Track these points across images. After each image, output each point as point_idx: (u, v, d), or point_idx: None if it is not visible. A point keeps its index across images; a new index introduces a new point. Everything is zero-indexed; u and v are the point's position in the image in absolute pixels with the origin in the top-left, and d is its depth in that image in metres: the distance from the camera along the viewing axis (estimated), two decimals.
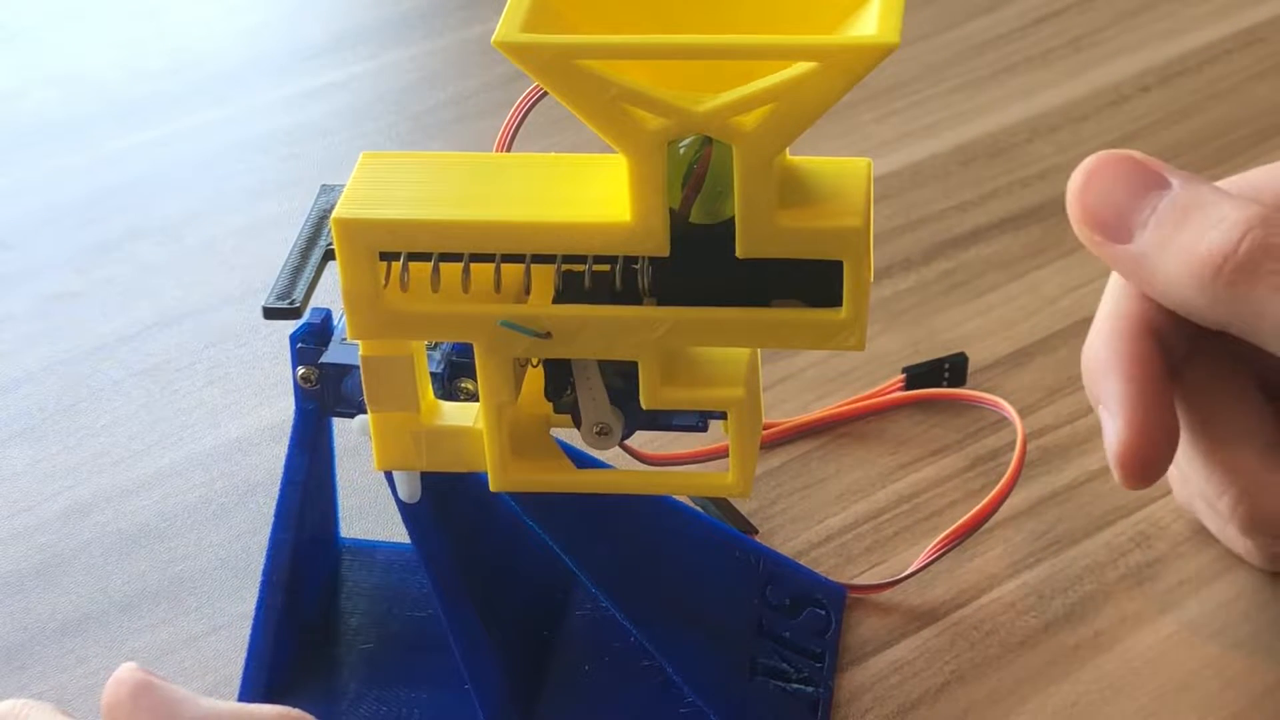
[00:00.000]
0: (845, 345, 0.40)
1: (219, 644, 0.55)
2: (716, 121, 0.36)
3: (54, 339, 0.69)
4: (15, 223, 0.76)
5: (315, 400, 0.47)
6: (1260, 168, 0.46)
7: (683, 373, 0.41)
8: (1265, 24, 0.86)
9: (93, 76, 0.87)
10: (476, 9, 0.90)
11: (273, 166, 0.79)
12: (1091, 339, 0.50)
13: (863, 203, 0.39)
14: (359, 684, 0.52)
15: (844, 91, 0.36)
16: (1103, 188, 0.44)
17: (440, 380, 0.44)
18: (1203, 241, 0.42)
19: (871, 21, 0.36)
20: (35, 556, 0.59)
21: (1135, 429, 0.46)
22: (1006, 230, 0.73)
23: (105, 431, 0.64)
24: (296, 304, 0.42)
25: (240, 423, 0.64)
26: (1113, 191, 0.44)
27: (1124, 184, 0.44)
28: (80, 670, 0.55)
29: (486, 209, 0.40)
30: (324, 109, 0.84)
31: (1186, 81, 0.82)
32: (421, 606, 0.53)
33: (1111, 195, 0.44)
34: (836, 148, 0.77)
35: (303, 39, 0.90)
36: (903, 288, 0.69)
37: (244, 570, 0.58)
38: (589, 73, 0.36)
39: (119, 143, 0.81)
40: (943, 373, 0.64)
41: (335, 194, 0.41)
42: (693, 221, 0.39)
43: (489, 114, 0.81)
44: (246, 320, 0.68)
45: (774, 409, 0.62)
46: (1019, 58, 0.85)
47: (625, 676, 0.51)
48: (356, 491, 0.57)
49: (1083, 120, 0.80)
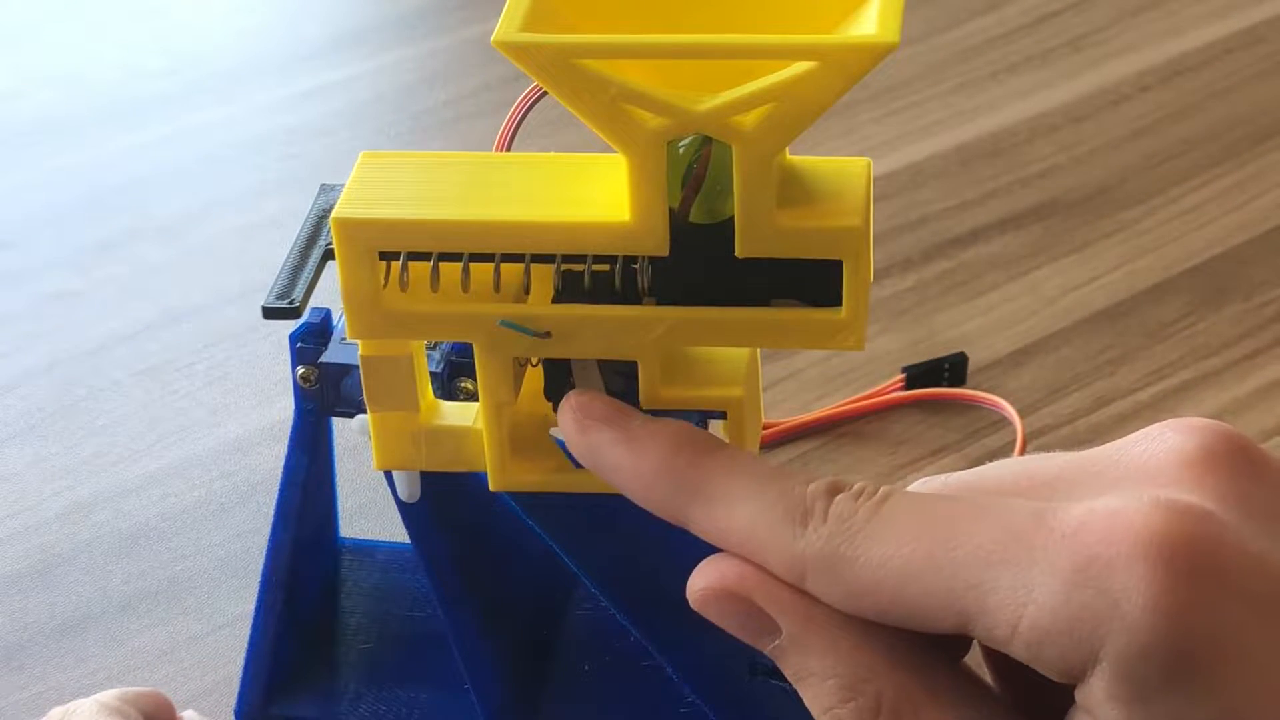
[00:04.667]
0: (845, 345, 0.40)
1: (219, 644, 0.55)
2: (716, 121, 0.36)
3: (54, 339, 0.69)
4: (15, 223, 0.76)
5: (315, 400, 0.47)
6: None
7: (682, 373, 0.41)
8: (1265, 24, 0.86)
9: (93, 76, 0.87)
10: (476, 9, 0.90)
11: (273, 166, 0.79)
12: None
13: (862, 202, 0.39)
14: (359, 684, 0.52)
15: (844, 91, 0.36)
16: (717, 619, 0.40)
17: (440, 380, 0.44)
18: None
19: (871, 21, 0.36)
20: (35, 556, 0.59)
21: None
22: (1006, 230, 0.73)
23: (105, 431, 0.64)
24: (296, 304, 0.42)
25: (240, 423, 0.64)
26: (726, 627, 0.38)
27: (736, 627, 0.37)
28: (80, 670, 0.55)
29: (486, 209, 0.39)
30: (324, 109, 0.84)
31: (1186, 81, 0.82)
32: (421, 606, 0.53)
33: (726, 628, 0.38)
34: (836, 148, 0.77)
35: (303, 39, 0.90)
36: (903, 288, 0.69)
37: (244, 570, 0.58)
38: (588, 72, 0.36)
39: (119, 143, 0.81)
40: (943, 372, 0.64)
41: (335, 194, 0.41)
42: (692, 221, 0.39)
43: (489, 114, 0.81)
44: (246, 320, 0.68)
45: (774, 409, 0.62)
46: (1019, 58, 0.85)
47: (625, 676, 0.51)
48: (356, 491, 0.57)
49: (1083, 120, 0.80)
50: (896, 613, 0.35)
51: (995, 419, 0.62)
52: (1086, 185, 0.76)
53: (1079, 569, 0.33)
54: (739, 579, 0.37)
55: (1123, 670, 0.33)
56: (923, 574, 0.35)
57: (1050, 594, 0.33)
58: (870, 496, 0.36)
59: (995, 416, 0.62)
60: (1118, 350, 0.66)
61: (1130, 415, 0.63)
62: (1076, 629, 0.33)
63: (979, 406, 0.63)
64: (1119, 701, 0.33)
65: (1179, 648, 0.33)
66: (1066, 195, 0.75)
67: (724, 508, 0.37)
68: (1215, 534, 0.34)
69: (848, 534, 0.35)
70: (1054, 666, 0.34)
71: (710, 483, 0.37)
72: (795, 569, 0.36)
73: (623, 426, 0.38)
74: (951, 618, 0.35)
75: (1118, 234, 0.73)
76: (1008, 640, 0.34)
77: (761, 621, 0.37)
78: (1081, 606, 0.33)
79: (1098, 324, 0.68)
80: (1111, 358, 0.66)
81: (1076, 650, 0.33)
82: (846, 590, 0.35)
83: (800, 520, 0.36)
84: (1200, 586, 0.33)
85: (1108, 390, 0.64)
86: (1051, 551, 0.34)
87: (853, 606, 0.36)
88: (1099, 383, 0.65)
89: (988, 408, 0.62)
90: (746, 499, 0.36)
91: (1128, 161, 0.77)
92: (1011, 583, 0.34)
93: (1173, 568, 0.33)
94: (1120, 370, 0.65)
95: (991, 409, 0.62)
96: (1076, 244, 0.72)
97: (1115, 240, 0.72)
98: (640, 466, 0.38)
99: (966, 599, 0.34)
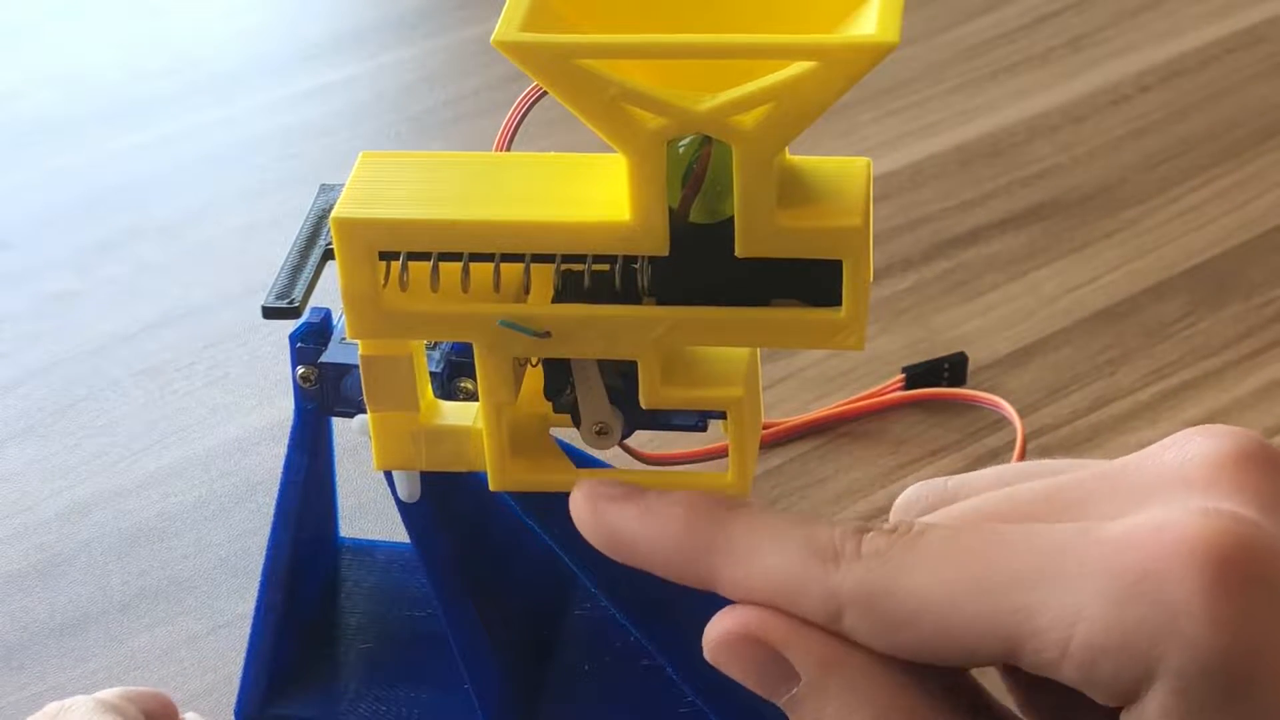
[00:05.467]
0: (845, 345, 0.40)
1: (219, 644, 0.55)
2: (716, 121, 0.36)
3: (54, 339, 0.69)
4: (15, 223, 0.76)
5: (315, 400, 0.47)
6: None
7: (682, 372, 0.41)
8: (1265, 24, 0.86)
9: (93, 76, 0.87)
10: (476, 9, 0.90)
11: (273, 166, 0.79)
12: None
13: (862, 202, 0.39)
14: (359, 684, 0.52)
15: (844, 90, 0.36)
16: (734, 668, 0.37)
17: (440, 380, 0.44)
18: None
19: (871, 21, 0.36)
20: (35, 556, 0.59)
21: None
22: (1006, 230, 0.73)
23: (105, 431, 0.64)
24: (296, 303, 0.42)
25: (240, 423, 0.64)
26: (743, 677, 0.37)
27: (754, 676, 0.36)
28: (80, 670, 0.55)
29: (486, 209, 0.39)
30: (324, 109, 0.84)
31: (1186, 81, 0.82)
32: (421, 606, 0.53)
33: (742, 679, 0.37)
34: (836, 148, 0.77)
35: (303, 39, 0.90)
36: (902, 288, 0.69)
37: (244, 570, 0.58)
38: (588, 72, 0.36)
39: (119, 143, 0.81)
40: (942, 372, 0.64)
41: (335, 194, 0.41)
42: (692, 221, 0.39)
43: (488, 114, 0.81)
44: (246, 320, 0.68)
45: (774, 409, 0.62)
46: (1019, 58, 0.85)
47: (625, 676, 0.51)
48: (356, 491, 0.57)
49: (1083, 120, 0.80)
50: (938, 644, 0.34)
51: (995, 419, 0.62)
52: (1086, 185, 0.76)
53: (1132, 583, 0.33)
54: (760, 622, 0.36)
55: (1183, 687, 0.32)
56: (966, 601, 0.34)
57: (1103, 610, 0.33)
58: (906, 532, 0.35)
59: (995, 416, 0.62)
60: (1118, 350, 0.66)
61: (1130, 415, 0.63)
62: (1132, 644, 0.32)
63: (979, 406, 0.63)
64: (1174, 718, 0.32)
65: (1239, 661, 0.32)
66: (1066, 195, 0.75)
67: (749, 560, 0.36)
68: (1264, 542, 0.33)
69: (884, 566, 0.34)
70: (1107, 687, 0.33)
71: (734, 539, 0.36)
72: (830, 607, 0.35)
73: (637, 501, 0.37)
74: (997, 644, 0.34)
75: (1118, 234, 0.73)
76: (1058, 662, 0.33)
77: (780, 668, 0.36)
78: (1137, 622, 0.32)
79: (1098, 324, 0.68)
80: (1111, 358, 0.66)
81: (1132, 667, 0.33)
82: (886, 623, 0.34)
83: (832, 560, 0.35)
84: (1255, 597, 0.32)
85: (1108, 390, 0.64)
86: (1100, 567, 0.33)
87: (892, 642, 0.35)
88: (1099, 383, 0.65)
89: (987, 408, 0.62)
90: (773, 548, 0.35)
91: (1128, 161, 0.77)
92: (1061, 601, 0.33)
93: (1228, 578, 0.32)
94: (1120, 370, 0.65)
95: (991, 409, 0.62)
96: (1076, 244, 0.72)
97: (1115, 240, 0.72)
98: (661, 536, 0.37)
99: (1014, 622, 0.33)
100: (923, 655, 0.34)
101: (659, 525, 0.37)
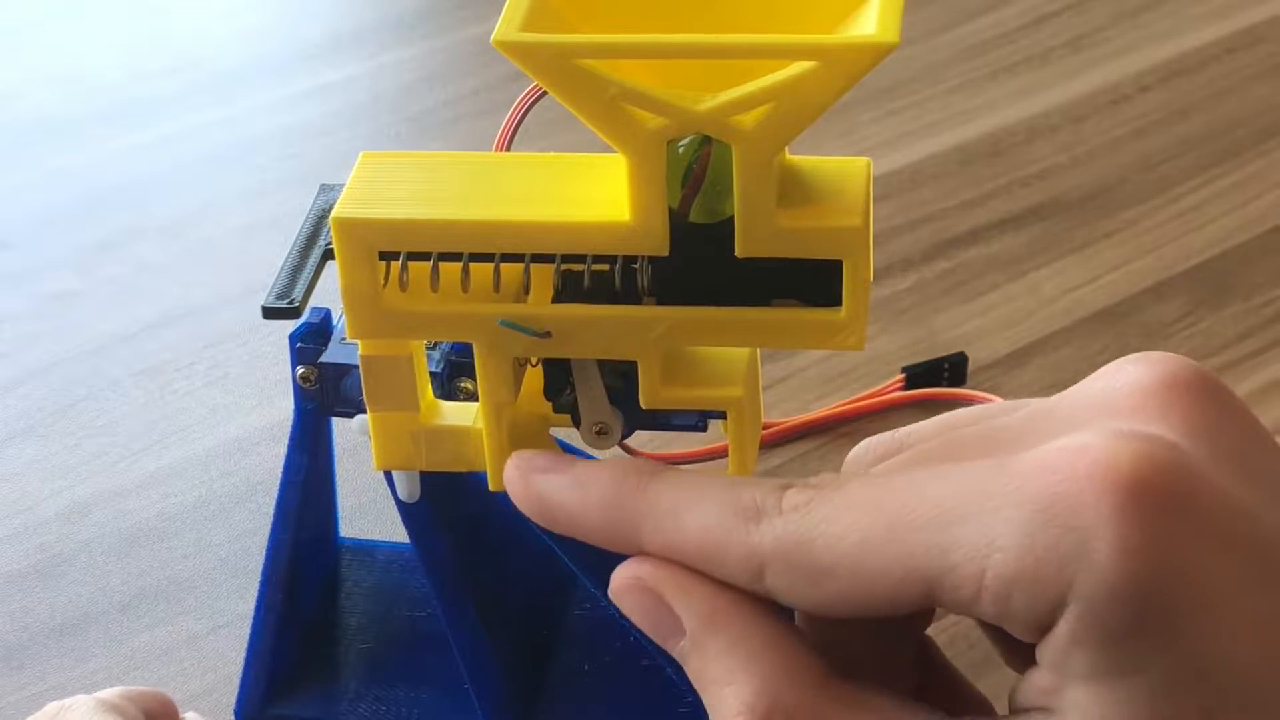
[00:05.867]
0: (845, 345, 0.40)
1: (219, 644, 0.55)
2: (716, 121, 0.36)
3: (54, 339, 0.69)
4: (15, 223, 0.76)
5: (315, 400, 0.47)
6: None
7: (682, 372, 0.41)
8: (1265, 24, 0.86)
9: (93, 76, 0.87)
10: (476, 9, 0.90)
11: (273, 166, 0.79)
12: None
13: (862, 202, 0.39)
14: (359, 684, 0.52)
15: (843, 90, 0.36)
16: (630, 614, 0.37)
17: (439, 380, 0.44)
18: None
19: (871, 21, 0.36)
20: (35, 556, 0.59)
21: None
22: (1006, 230, 0.73)
23: (105, 431, 0.64)
24: (296, 303, 0.42)
25: (240, 423, 0.64)
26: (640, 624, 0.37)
27: (647, 625, 0.36)
28: (80, 670, 0.55)
29: (486, 209, 0.39)
30: (324, 109, 0.84)
31: (1186, 81, 0.82)
32: (421, 606, 0.53)
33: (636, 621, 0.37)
34: (836, 148, 0.77)
35: (303, 39, 0.90)
36: (902, 288, 0.69)
37: (244, 570, 0.58)
38: (588, 72, 0.36)
39: (119, 143, 0.81)
40: (942, 372, 0.64)
41: (335, 194, 0.41)
42: (692, 221, 0.39)
43: (488, 114, 0.81)
44: (246, 320, 0.68)
45: (774, 409, 0.62)
46: (1019, 58, 0.85)
47: (625, 676, 0.51)
48: (356, 491, 0.57)
49: (1083, 120, 0.80)
50: (859, 593, 0.33)
51: None
52: (1086, 185, 0.76)
53: (1042, 508, 0.31)
54: (651, 573, 0.36)
55: (1091, 612, 0.31)
56: (882, 545, 0.33)
57: (1015, 540, 0.31)
58: (827, 485, 0.34)
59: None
60: (1118, 350, 0.66)
61: None
62: (1044, 573, 0.31)
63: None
64: (1085, 646, 0.31)
65: (1151, 587, 0.31)
66: (1066, 195, 0.75)
67: (673, 521, 0.36)
68: (1183, 466, 0.32)
69: (803, 520, 0.34)
70: (1022, 619, 0.32)
71: (658, 503, 0.36)
72: (751, 565, 0.34)
73: (565, 470, 0.37)
74: (916, 586, 0.33)
75: (1117, 234, 0.73)
76: (975, 598, 0.32)
77: (668, 619, 0.36)
78: (1047, 548, 0.31)
79: (1098, 324, 0.68)
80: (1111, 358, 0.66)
81: (1044, 595, 0.31)
82: (805, 577, 0.34)
83: (753, 518, 0.34)
84: (1170, 522, 0.31)
85: None
86: (1012, 495, 0.32)
87: (813, 597, 0.34)
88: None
89: None
90: (697, 510, 0.35)
91: (1128, 161, 0.77)
92: (973, 536, 0.32)
93: (1142, 502, 0.31)
94: None
95: None
96: (1076, 244, 0.72)
97: (1115, 240, 0.72)
98: (587, 502, 0.37)
99: (926, 562, 0.32)
100: (846, 608, 0.34)
101: (585, 492, 0.37)
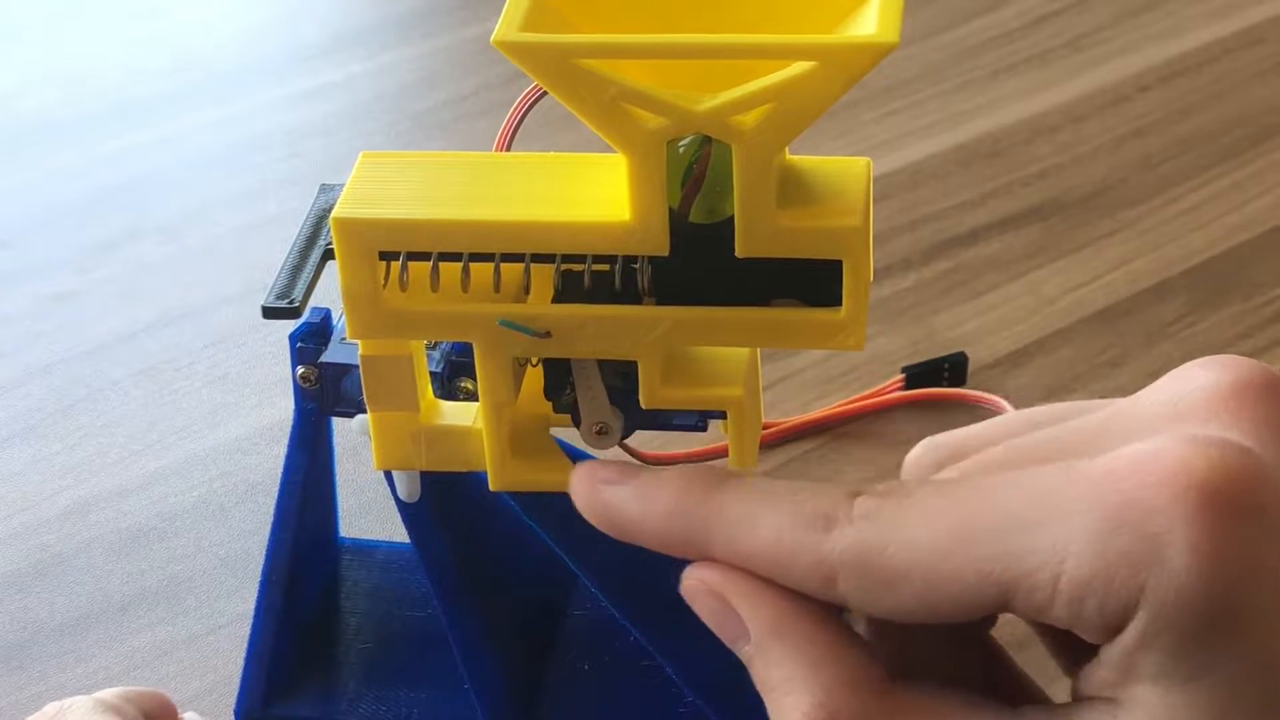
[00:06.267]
0: (845, 345, 0.40)
1: (219, 644, 0.55)
2: (716, 121, 0.36)
3: (54, 339, 0.69)
4: (15, 223, 0.76)
5: (315, 400, 0.47)
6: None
7: (682, 372, 0.41)
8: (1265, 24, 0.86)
9: (93, 76, 0.87)
10: (476, 9, 0.90)
11: (273, 166, 0.79)
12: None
13: (862, 202, 0.39)
14: (359, 684, 0.52)
15: (843, 91, 0.36)
16: (702, 615, 0.37)
17: (440, 380, 0.44)
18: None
19: (871, 21, 0.36)
20: (35, 556, 0.59)
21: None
22: (1006, 230, 0.73)
23: (105, 431, 0.64)
24: (296, 303, 0.42)
25: (240, 423, 0.64)
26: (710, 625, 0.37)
27: (716, 627, 0.36)
28: (80, 670, 0.55)
29: (486, 209, 0.39)
30: (324, 109, 0.84)
31: (1186, 81, 0.82)
32: (421, 606, 0.53)
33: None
34: (836, 148, 0.77)
35: (302, 39, 0.90)
36: (903, 288, 0.69)
37: (244, 570, 0.58)
38: (588, 72, 0.36)
39: (119, 143, 0.81)
40: (942, 372, 0.64)
41: (335, 194, 0.41)
42: (692, 221, 0.39)
43: (488, 114, 0.81)
44: (246, 320, 0.68)
45: (774, 409, 0.62)
46: (1019, 58, 0.85)
47: (625, 676, 0.51)
48: (356, 491, 0.57)
49: (1083, 120, 0.80)
50: (932, 599, 0.33)
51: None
52: (1086, 185, 0.76)
53: (1115, 514, 0.31)
54: (719, 577, 0.36)
55: (1163, 617, 0.31)
56: (954, 550, 0.33)
57: (1088, 545, 0.31)
58: (897, 492, 0.34)
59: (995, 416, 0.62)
60: (1118, 350, 0.66)
61: None
62: (1116, 577, 0.31)
63: (979, 406, 0.62)
64: (1155, 649, 0.31)
65: (1222, 593, 0.31)
66: (1066, 195, 0.75)
67: (745, 530, 0.35)
68: (1256, 471, 0.32)
69: (874, 527, 0.34)
70: (1095, 624, 0.32)
71: (726, 510, 0.36)
72: (823, 572, 0.34)
73: (631, 481, 0.37)
74: (990, 592, 0.33)
75: (1118, 234, 0.73)
76: (1048, 604, 0.32)
77: (734, 623, 0.36)
78: (1120, 553, 0.31)
79: (1098, 324, 0.68)
80: (1111, 358, 0.66)
81: (1116, 600, 0.31)
82: (878, 584, 0.34)
83: (824, 527, 0.34)
84: (1243, 528, 0.31)
85: (1108, 390, 0.64)
86: (1085, 501, 0.32)
87: (886, 604, 0.34)
88: (1099, 383, 0.65)
89: (988, 408, 0.62)
90: (765, 519, 0.35)
91: (1128, 161, 0.77)
92: (1047, 542, 0.32)
93: (1215, 508, 0.31)
94: (1120, 370, 0.65)
95: (991, 409, 0.62)
96: (1076, 244, 0.72)
97: (1115, 240, 0.72)
98: (655, 511, 0.37)
99: (1002, 568, 0.32)
100: (919, 614, 0.34)
101: (653, 500, 0.37)
